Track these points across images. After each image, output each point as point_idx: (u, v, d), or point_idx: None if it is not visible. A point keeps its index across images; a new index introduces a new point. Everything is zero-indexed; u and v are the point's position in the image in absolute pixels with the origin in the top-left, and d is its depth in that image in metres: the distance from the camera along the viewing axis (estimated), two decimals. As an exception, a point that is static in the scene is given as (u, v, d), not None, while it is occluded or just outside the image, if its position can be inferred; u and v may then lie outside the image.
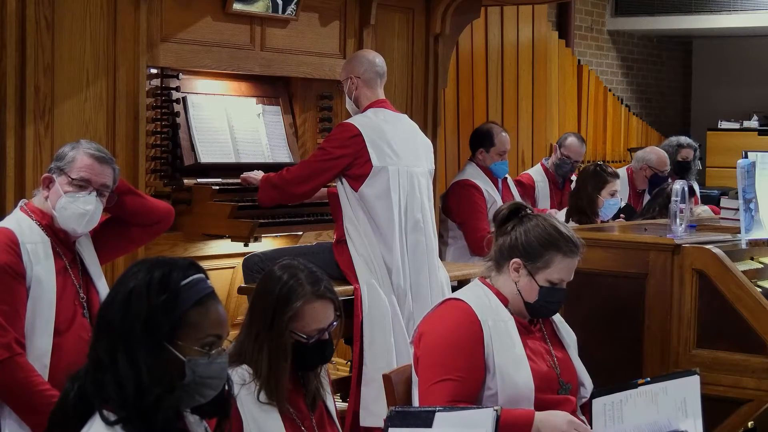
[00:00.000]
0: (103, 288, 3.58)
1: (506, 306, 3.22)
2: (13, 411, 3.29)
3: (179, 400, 2.22)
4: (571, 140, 7.10)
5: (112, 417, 2.15)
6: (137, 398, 2.16)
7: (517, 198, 6.59)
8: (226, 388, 2.31)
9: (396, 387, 3.21)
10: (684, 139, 7.73)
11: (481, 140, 6.44)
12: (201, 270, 2.28)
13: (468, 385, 3.07)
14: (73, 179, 3.46)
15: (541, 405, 3.12)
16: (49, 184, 3.48)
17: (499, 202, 6.25)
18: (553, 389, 3.19)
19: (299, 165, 4.85)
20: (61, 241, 3.49)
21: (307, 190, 4.75)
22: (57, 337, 3.38)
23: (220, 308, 2.27)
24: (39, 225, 3.46)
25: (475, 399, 3.08)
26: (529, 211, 3.28)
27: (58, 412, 2.22)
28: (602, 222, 6.03)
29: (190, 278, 2.24)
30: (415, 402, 3.18)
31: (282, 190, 4.77)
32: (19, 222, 3.46)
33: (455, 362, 3.08)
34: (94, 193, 3.49)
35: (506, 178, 6.65)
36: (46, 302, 3.36)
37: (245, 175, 5.03)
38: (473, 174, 6.39)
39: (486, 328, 3.13)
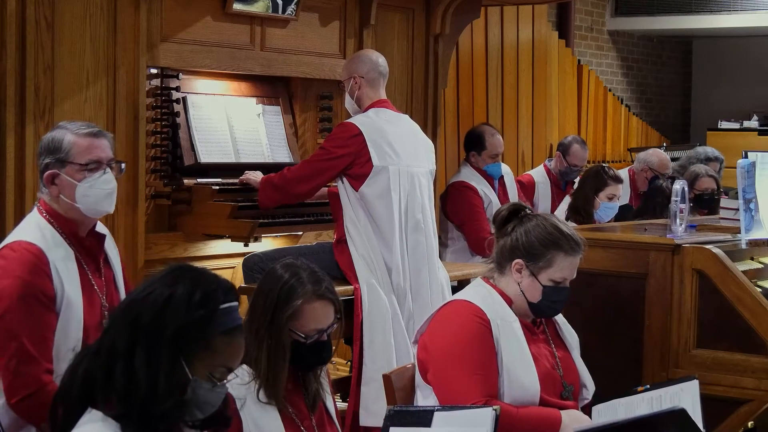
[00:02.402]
0: (121, 285, 3.46)
1: (510, 306, 3.22)
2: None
3: (184, 416, 2.22)
4: (575, 148, 7.08)
5: (109, 409, 2.15)
6: (147, 402, 2.14)
7: (515, 196, 6.59)
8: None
9: (396, 387, 3.21)
10: (711, 152, 7.65)
11: (473, 143, 6.43)
12: (237, 297, 2.28)
13: (493, 381, 3.07)
14: (84, 165, 3.27)
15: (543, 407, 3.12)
16: (54, 179, 3.27)
17: (495, 202, 6.25)
18: (556, 391, 3.19)
19: (300, 165, 4.85)
20: (86, 251, 3.32)
21: (309, 189, 4.76)
22: None
23: (242, 342, 2.27)
24: (62, 234, 3.27)
25: (497, 396, 3.07)
26: (528, 211, 3.28)
27: (65, 388, 2.21)
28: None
29: (229, 304, 2.24)
30: (417, 403, 3.18)
31: (283, 190, 4.78)
32: (43, 233, 3.25)
33: (480, 357, 3.07)
34: (108, 170, 3.32)
35: (503, 177, 6.64)
36: (75, 322, 3.22)
37: (244, 176, 5.03)
38: (468, 175, 6.39)
39: (495, 328, 3.13)
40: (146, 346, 2.16)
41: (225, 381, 2.25)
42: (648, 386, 3.21)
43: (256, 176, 4.97)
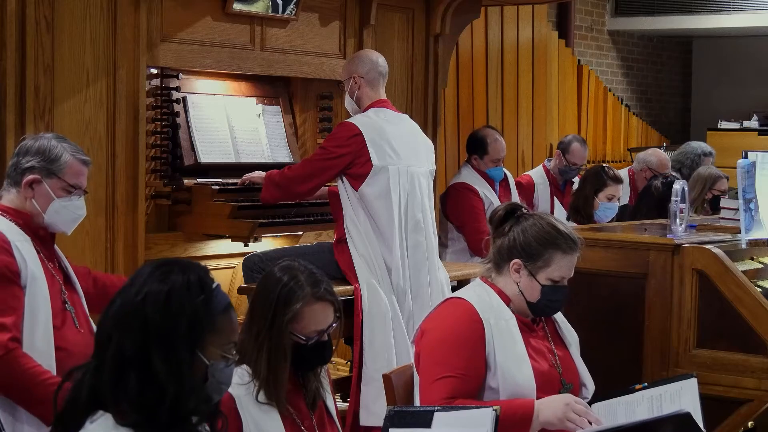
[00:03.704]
0: (77, 282, 3.59)
1: (508, 305, 3.22)
2: (20, 405, 3.28)
3: (209, 408, 2.21)
4: (575, 146, 7.06)
5: (122, 418, 2.12)
6: (176, 403, 2.12)
7: (516, 199, 6.58)
8: None
9: (396, 387, 3.21)
10: (706, 147, 7.65)
11: (475, 147, 6.41)
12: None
13: (468, 382, 3.07)
14: (70, 185, 3.46)
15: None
16: (33, 184, 3.43)
17: (497, 204, 6.23)
18: (554, 388, 3.19)
19: (301, 164, 4.86)
20: (40, 240, 3.47)
21: (309, 188, 4.76)
22: (54, 331, 3.38)
23: (236, 317, 2.29)
24: (15, 224, 3.42)
25: (475, 396, 3.09)
26: (525, 211, 3.28)
27: (70, 406, 2.19)
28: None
29: (216, 284, 2.25)
30: (417, 401, 3.18)
31: (284, 188, 4.79)
32: None
33: (457, 359, 3.08)
34: (83, 197, 3.53)
35: (506, 179, 6.64)
36: (42, 298, 3.36)
37: (247, 176, 5.04)
38: (469, 176, 6.38)
39: (488, 326, 3.13)
40: (162, 347, 2.13)
41: (233, 356, 2.26)
42: (646, 384, 3.21)
43: (260, 174, 4.97)
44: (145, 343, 2.14)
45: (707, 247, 3.87)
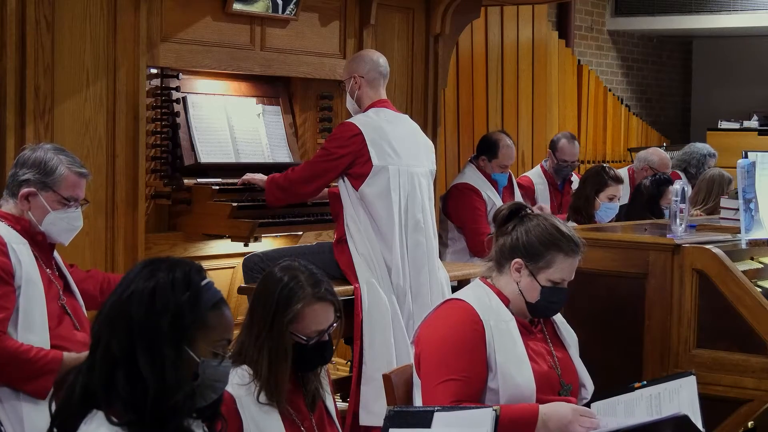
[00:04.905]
0: (76, 290, 3.63)
1: (507, 306, 3.22)
2: (14, 386, 3.33)
3: (195, 404, 2.21)
4: (563, 143, 7.07)
5: (116, 418, 2.12)
6: (158, 399, 2.12)
7: (519, 198, 6.57)
8: None
9: (396, 387, 3.21)
10: (710, 148, 7.71)
11: (486, 148, 6.41)
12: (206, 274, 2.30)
13: (471, 384, 3.07)
14: (65, 198, 3.51)
15: (541, 405, 3.12)
16: (29, 196, 3.49)
17: (499, 205, 6.23)
18: (554, 390, 3.19)
19: (303, 165, 4.86)
20: (38, 244, 3.52)
21: (312, 189, 4.78)
22: (52, 331, 3.42)
23: (230, 313, 2.29)
24: (14, 230, 3.47)
25: (478, 398, 3.09)
26: (529, 211, 3.28)
27: (63, 407, 2.20)
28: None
29: (207, 281, 2.25)
30: (417, 402, 3.18)
31: (288, 190, 4.80)
32: None
33: (458, 362, 3.08)
34: (80, 208, 3.57)
35: (512, 182, 6.64)
36: (38, 300, 3.40)
37: (248, 177, 5.04)
38: (472, 177, 6.38)
39: (488, 328, 3.13)
40: (146, 343, 2.13)
41: (227, 355, 2.25)
42: (645, 382, 3.21)
43: (261, 177, 4.97)
44: (131, 341, 2.14)
45: (707, 247, 3.87)
